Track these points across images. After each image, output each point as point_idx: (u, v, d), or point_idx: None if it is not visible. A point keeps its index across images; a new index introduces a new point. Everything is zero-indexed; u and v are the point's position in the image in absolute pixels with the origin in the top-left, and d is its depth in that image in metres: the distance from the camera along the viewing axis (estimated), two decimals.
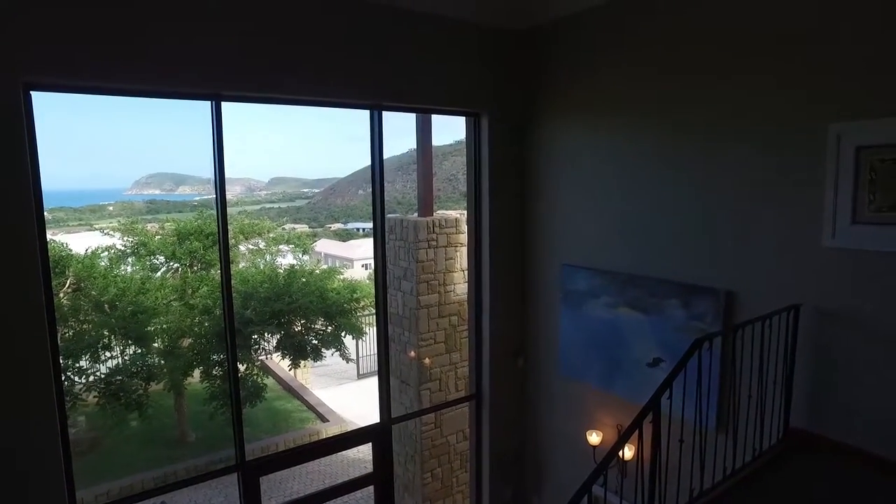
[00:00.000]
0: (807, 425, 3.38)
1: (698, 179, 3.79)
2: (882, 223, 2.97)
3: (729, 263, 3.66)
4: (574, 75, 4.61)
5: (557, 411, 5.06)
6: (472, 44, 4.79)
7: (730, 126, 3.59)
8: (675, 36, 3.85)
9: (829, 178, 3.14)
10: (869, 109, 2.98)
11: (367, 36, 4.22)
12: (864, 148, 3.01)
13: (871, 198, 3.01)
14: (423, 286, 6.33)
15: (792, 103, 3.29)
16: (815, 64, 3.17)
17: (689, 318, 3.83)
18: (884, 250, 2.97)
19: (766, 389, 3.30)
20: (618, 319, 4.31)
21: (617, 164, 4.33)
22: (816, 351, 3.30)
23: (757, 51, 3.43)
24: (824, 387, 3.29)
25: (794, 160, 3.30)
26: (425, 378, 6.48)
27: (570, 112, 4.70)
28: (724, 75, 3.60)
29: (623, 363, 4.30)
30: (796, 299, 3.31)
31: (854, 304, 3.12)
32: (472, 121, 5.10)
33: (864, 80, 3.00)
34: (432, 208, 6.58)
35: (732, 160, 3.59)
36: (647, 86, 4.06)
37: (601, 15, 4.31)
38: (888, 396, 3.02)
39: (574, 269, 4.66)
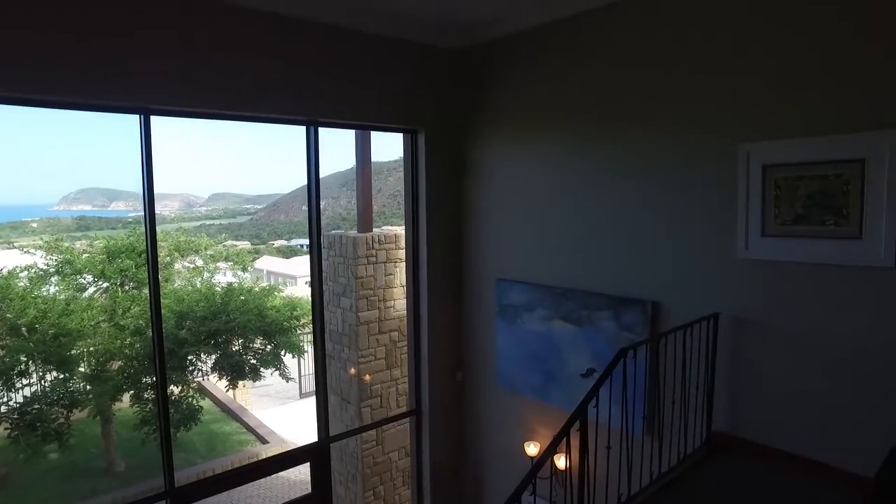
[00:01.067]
0: (727, 428, 3.55)
1: (626, 196, 3.96)
2: (786, 235, 3.19)
3: (655, 275, 3.83)
4: (509, 93, 4.74)
5: (496, 424, 5.12)
6: (409, 61, 4.86)
7: (655, 145, 3.78)
8: (603, 59, 4.04)
9: (741, 194, 3.35)
10: (771, 131, 3.22)
11: (303, 52, 4.22)
12: (770, 166, 3.23)
13: (777, 212, 3.22)
14: (362, 302, 6.30)
15: (709, 124, 3.50)
16: (728, 88, 3.39)
17: (620, 329, 3.97)
18: (788, 260, 3.19)
19: (689, 395, 3.45)
20: (552, 332, 4.42)
21: (550, 180, 4.47)
22: (734, 356, 3.49)
23: (678, 74, 3.64)
24: (742, 391, 3.47)
25: (712, 177, 3.50)
26: (366, 395, 6.42)
27: (505, 129, 4.82)
28: (648, 97, 3.79)
29: (558, 375, 4.40)
30: (716, 308, 3.49)
31: (765, 311, 3.33)
32: (409, 137, 5.15)
33: (767, 105, 3.24)
34: (371, 224, 6.58)
35: (657, 177, 3.77)
36: (579, 105, 4.22)
37: (534, 35, 4.46)
38: (795, 397, 3.22)
39: (509, 283, 4.75)
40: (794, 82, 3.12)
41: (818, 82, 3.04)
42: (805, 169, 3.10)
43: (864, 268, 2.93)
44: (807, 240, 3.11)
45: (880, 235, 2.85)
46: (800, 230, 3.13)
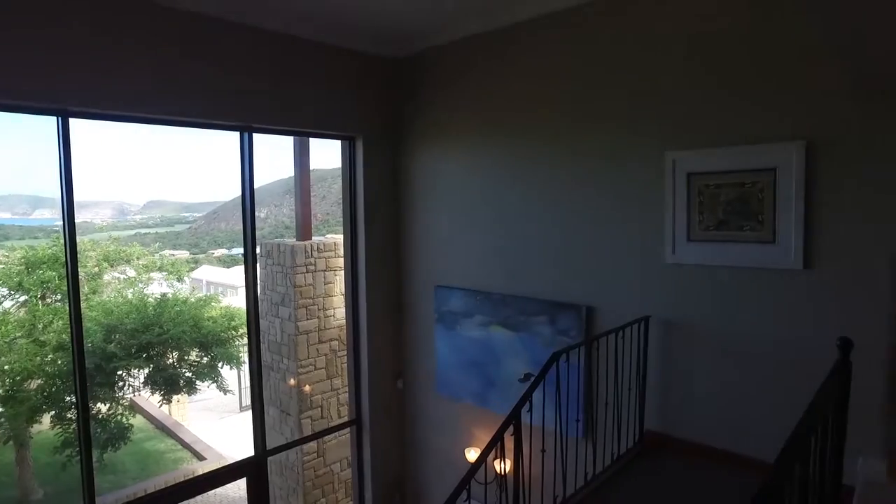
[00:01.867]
0: (659, 427, 3.66)
1: (562, 203, 4.03)
2: (709, 240, 3.33)
3: (589, 280, 3.91)
4: (445, 101, 4.76)
5: (437, 431, 5.10)
6: (347, 69, 4.81)
7: (588, 153, 3.87)
8: (535, 70, 4.12)
9: (668, 201, 3.47)
10: (696, 141, 3.36)
11: (236, 56, 4.11)
12: (694, 174, 3.37)
13: (701, 218, 3.37)
14: (301, 311, 6.18)
15: (639, 133, 3.61)
16: (656, 98, 3.52)
17: (556, 334, 4.04)
18: (711, 264, 3.34)
19: (622, 396, 3.55)
20: (491, 338, 4.45)
21: (486, 188, 4.51)
22: (664, 357, 3.60)
23: (608, 85, 3.75)
24: (671, 390, 3.59)
25: (642, 185, 3.62)
26: (306, 406, 6.29)
27: (442, 137, 4.84)
28: (581, 106, 3.88)
29: (497, 380, 4.44)
30: (646, 311, 3.61)
31: (691, 313, 3.46)
32: (347, 144, 5.10)
33: (692, 116, 3.38)
34: (311, 232, 6.48)
35: (591, 185, 3.87)
36: (512, 113, 4.28)
37: (468, 44, 4.51)
38: (718, 394, 3.36)
39: (448, 290, 4.76)
40: (716, 97, 3.28)
41: (736, 97, 3.20)
42: (725, 177, 3.25)
43: (777, 270, 3.10)
44: (728, 244, 3.26)
45: (790, 239, 3.02)
46: (721, 235, 3.28)
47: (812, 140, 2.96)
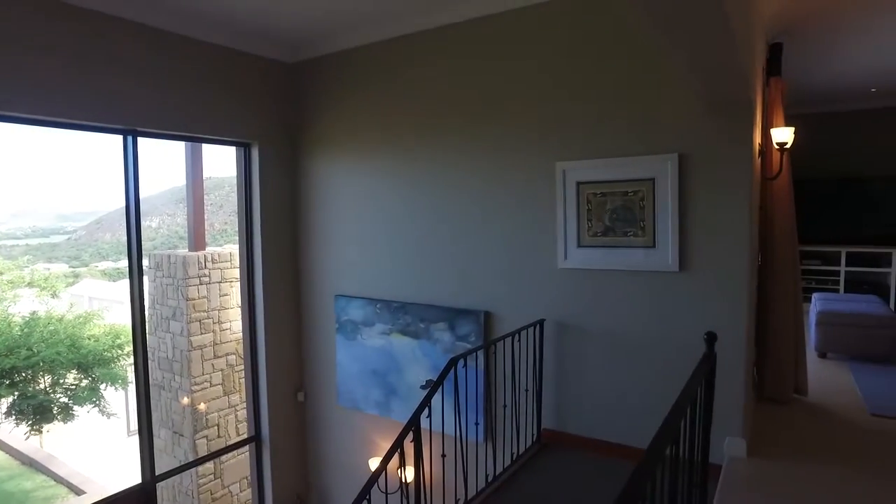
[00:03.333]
0: (555, 425, 3.82)
1: (460, 210, 4.12)
2: (598, 246, 3.55)
3: (488, 286, 4.02)
4: (344, 108, 4.72)
5: (339, 443, 5.01)
6: (242, 72, 4.65)
7: (485, 162, 3.99)
8: (433, 79, 4.19)
9: (560, 209, 3.66)
10: (583, 152, 3.57)
11: (121, 54, 3.85)
12: (582, 183, 3.57)
13: (590, 225, 3.57)
14: (194, 325, 5.85)
15: (533, 144, 3.77)
16: (550, 110, 3.69)
17: (456, 340, 4.11)
18: (599, 268, 3.55)
19: (519, 397, 3.67)
20: (392, 346, 4.45)
21: (385, 196, 4.52)
22: (558, 358, 3.77)
23: (502, 97, 3.89)
24: (566, 389, 3.76)
25: (536, 194, 3.78)
26: (201, 425, 5.95)
27: (342, 144, 4.79)
28: (477, 116, 4.00)
29: (399, 388, 4.44)
30: (541, 314, 3.76)
31: (582, 314, 3.65)
32: (242, 151, 4.92)
33: (581, 129, 3.59)
34: (204, 242, 6.16)
35: (488, 193, 3.98)
36: (411, 121, 4.33)
37: (366, 52, 4.51)
38: (608, 390, 3.57)
39: (348, 299, 4.70)
40: (601, 112, 3.50)
41: (619, 114, 3.44)
42: (610, 186, 3.48)
43: (657, 272, 3.35)
44: (614, 249, 3.49)
45: (667, 244, 3.29)
46: (608, 241, 3.50)
47: (683, 153, 3.24)
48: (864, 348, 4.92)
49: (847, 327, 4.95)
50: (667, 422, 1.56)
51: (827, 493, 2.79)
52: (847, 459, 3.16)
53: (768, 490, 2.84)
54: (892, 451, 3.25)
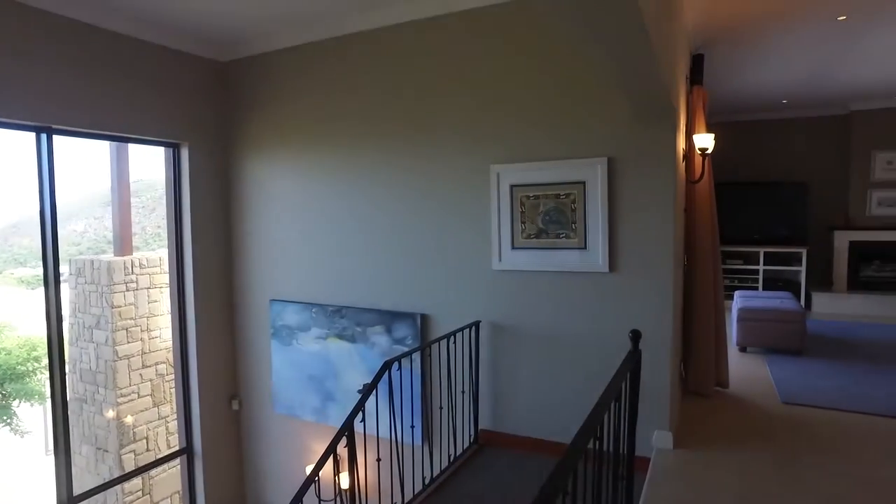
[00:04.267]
0: (492, 425, 3.87)
1: (397, 213, 4.12)
2: (531, 247, 3.62)
3: (425, 289, 4.03)
4: (279, 108, 4.63)
5: (276, 452, 4.89)
6: (172, 69, 4.48)
7: (423, 165, 4.00)
8: (371, 79, 4.17)
9: (494, 211, 3.71)
10: (516, 155, 3.64)
11: (34, 44, 3.62)
12: (516, 186, 3.64)
13: (524, 227, 3.64)
14: (120, 334, 5.57)
15: (468, 147, 3.81)
16: (483, 115, 3.74)
17: (393, 343, 4.09)
18: (533, 269, 3.62)
19: (455, 399, 3.69)
20: (328, 351, 4.39)
21: (321, 198, 4.46)
22: (494, 359, 3.82)
23: (438, 99, 3.91)
24: (502, 389, 3.82)
25: (471, 196, 3.82)
26: (128, 439, 5.66)
27: (276, 146, 4.69)
28: (415, 118, 4.00)
29: (336, 393, 4.38)
30: (477, 316, 3.81)
31: (517, 316, 3.71)
32: (171, 151, 4.73)
33: (515, 133, 3.65)
34: (131, 246, 5.88)
35: (425, 196, 4.00)
36: (347, 123, 4.29)
37: (301, 53, 4.44)
38: (539, 388, 3.65)
39: (283, 303, 4.61)
40: (535, 116, 3.58)
41: (552, 117, 3.53)
42: (543, 189, 3.56)
43: (589, 273, 3.46)
44: (547, 251, 3.57)
45: (598, 245, 3.40)
46: (541, 242, 3.58)
47: (612, 157, 3.36)
48: (779, 342, 5.24)
49: (763, 322, 5.27)
50: (589, 418, 1.61)
51: (742, 476, 2.96)
52: (760, 445, 3.35)
53: (692, 478, 2.98)
54: (799, 435, 3.49)
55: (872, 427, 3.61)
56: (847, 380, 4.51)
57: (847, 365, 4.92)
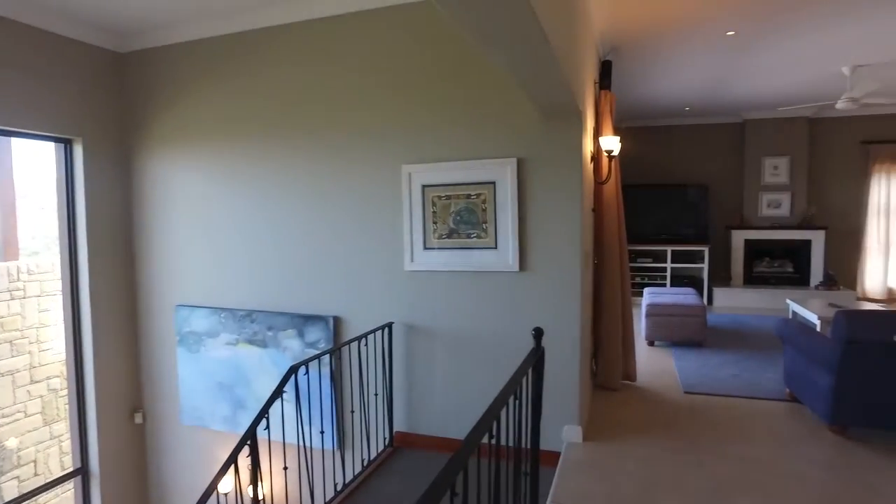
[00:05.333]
0: (407, 427, 3.84)
1: (307, 213, 4.01)
2: (443, 248, 3.63)
3: (337, 291, 3.95)
4: (185, 105, 4.40)
5: (185, 465, 4.63)
6: (63, 60, 4.15)
7: (334, 165, 3.91)
8: (279, 75, 4.04)
9: (406, 211, 3.69)
10: (427, 155, 3.63)
11: None
12: (428, 186, 3.64)
13: (435, 227, 3.64)
14: (4, 347, 5.10)
15: (379, 147, 3.77)
16: (393, 114, 3.71)
17: (305, 347, 3.98)
18: (445, 269, 3.63)
19: (368, 403, 3.64)
20: (238, 357, 4.21)
21: (229, 199, 4.27)
22: (408, 360, 3.80)
23: (349, 97, 3.84)
24: (416, 390, 3.80)
25: (384, 196, 3.78)
26: (11, 464, 5.19)
27: (181, 143, 4.45)
28: (325, 117, 3.91)
29: (247, 401, 4.20)
30: (390, 318, 3.77)
31: (429, 316, 3.71)
32: (63, 148, 4.38)
33: (426, 133, 3.65)
34: (17, 250, 5.40)
35: (337, 196, 3.91)
36: (255, 122, 4.13)
37: (207, 47, 4.24)
38: (453, 388, 3.66)
39: (190, 309, 4.38)
40: (446, 116, 3.59)
41: (463, 118, 3.55)
42: (454, 189, 3.57)
43: (499, 272, 3.50)
44: (458, 251, 3.59)
45: (508, 245, 3.45)
46: (453, 243, 3.60)
47: (521, 158, 3.42)
48: (682, 335, 5.54)
49: (669, 317, 5.55)
50: (484, 416, 1.61)
51: (645, 464, 3.09)
52: (663, 433, 3.52)
53: (599, 469, 3.08)
54: (697, 422, 3.69)
55: (758, 410, 3.89)
56: (740, 368, 4.83)
57: (740, 354, 5.27)
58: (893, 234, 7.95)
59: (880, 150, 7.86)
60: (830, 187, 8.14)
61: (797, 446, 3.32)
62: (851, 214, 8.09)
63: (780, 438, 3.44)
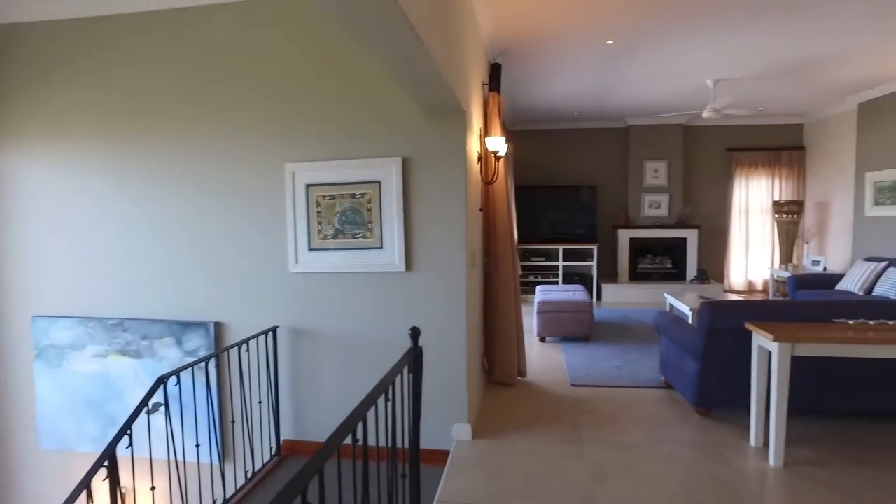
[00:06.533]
0: (295, 434, 3.71)
1: (186, 214, 3.76)
2: (328, 248, 3.54)
3: (218, 295, 3.73)
4: (43, 93, 3.97)
5: (44, 496, 4.18)
6: None
7: (212, 161, 3.70)
8: (156, 69, 3.76)
9: (290, 211, 3.56)
10: (312, 154, 3.53)
11: None
12: (312, 185, 3.53)
13: (320, 227, 3.54)
14: None
15: (262, 144, 3.61)
16: (275, 110, 3.57)
17: (184, 355, 3.73)
18: (331, 271, 3.54)
19: (252, 412, 3.47)
20: (109, 370, 3.87)
21: (97, 197, 3.92)
22: (294, 365, 3.66)
23: (229, 91, 3.64)
24: (304, 396, 3.67)
25: (266, 195, 3.62)
26: None
27: (40, 135, 4.01)
28: (204, 111, 3.69)
29: (119, 417, 3.87)
30: (275, 322, 3.62)
31: (316, 319, 3.60)
32: None
33: (310, 131, 3.54)
34: None
35: (216, 195, 3.70)
36: (128, 114, 3.82)
37: (75, 28, 3.86)
38: (341, 392, 3.57)
39: (50, 319, 3.97)
40: (330, 114, 3.50)
41: (348, 116, 3.48)
42: (339, 188, 3.50)
43: (386, 273, 3.47)
44: (344, 251, 3.51)
45: (394, 245, 3.42)
46: (338, 243, 3.52)
47: (407, 157, 3.41)
48: (572, 330, 5.78)
49: (559, 313, 5.77)
50: (348, 419, 1.57)
51: (531, 457, 3.17)
52: (549, 426, 3.64)
53: (487, 465, 3.12)
54: (581, 413, 3.85)
55: (637, 398, 4.13)
56: (622, 359, 5.12)
57: (624, 346, 5.59)
58: (752, 232, 8.80)
59: (740, 157, 8.68)
60: (702, 189, 8.87)
61: (668, 430, 3.55)
62: (719, 214, 8.86)
63: (654, 423, 3.66)
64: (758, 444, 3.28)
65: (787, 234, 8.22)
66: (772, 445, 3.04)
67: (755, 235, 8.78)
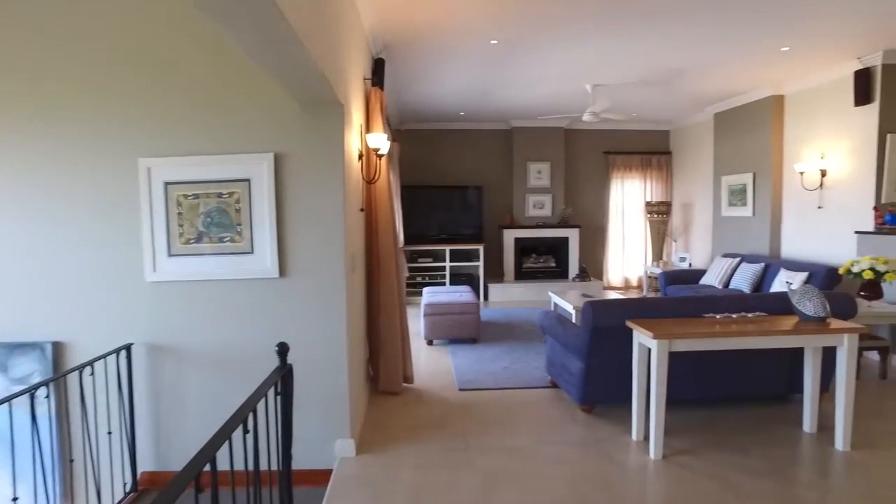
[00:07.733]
0: (156, 465, 3.28)
1: (21, 217, 3.17)
2: (191, 254, 3.15)
3: (57, 310, 3.19)
4: None
5: None
6: None
7: (54, 156, 3.14)
8: None
9: (145, 213, 3.13)
10: (171, 148, 3.12)
11: None
12: (171, 183, 3.13)
13: (182, 230, 3.15)
14: None
15: (110, 136, 3.13)
16: (127, 99, 3.11)
17: (13, 384, 3.16)
18: (194, 278, 3.16)
19: (100, 444, 3.01)
20: None
21: None
22: (153, 386, 3.23)
23: (73, 72, 3.13)
24: (166, 420, 3.25)
25: (117, 195, 3.15)
26: None
27: None
28: (38, 97, 3.13)
29: None
30: (129, 338, 3.17)
31: (178, 333, 3.20)
32: None
33: (167, 123, 3.12)
34: None
35: (58, 194, 3.15)
36: None
37: None
38: (209, 413, 3.18)
39: None
40: (192, 105, 3.11)
41: (213, 108, 3.11)
42: (203, 187, 3.13)
43: (258, 279, 3.15)
44: (209, 257, 3.15)
45: (266, 249, 3.12)
46: (203, 248, 3.14)
47: (279, 153, 3.12)
48: (459, 332, 5.73)
49: (445, 316, 5.69)
50: (199, 453, 1.32)
51: (416, 470, 3.02)
52: (435, 434, 3.51)
53: (371, 482, 2.92)
54: (469, 418, 3.77)
55: (524, 400, 4.13)
56: (510, 360, 5.13)
57: (511, 347, 5.62)
58: (627, 231, 9.34)
59: (616, 160, 9.17)
60: (582, 190, 9.26)
61: (555, 430, 3.56)
62: (598, 214, 9.30)
63: (542, 424, 3.65)
64: (639, 438, 3.37)
65: (657, 233, 8.80)
66: (652, 439, 3.12)
67: (630, 234, 9.31)
